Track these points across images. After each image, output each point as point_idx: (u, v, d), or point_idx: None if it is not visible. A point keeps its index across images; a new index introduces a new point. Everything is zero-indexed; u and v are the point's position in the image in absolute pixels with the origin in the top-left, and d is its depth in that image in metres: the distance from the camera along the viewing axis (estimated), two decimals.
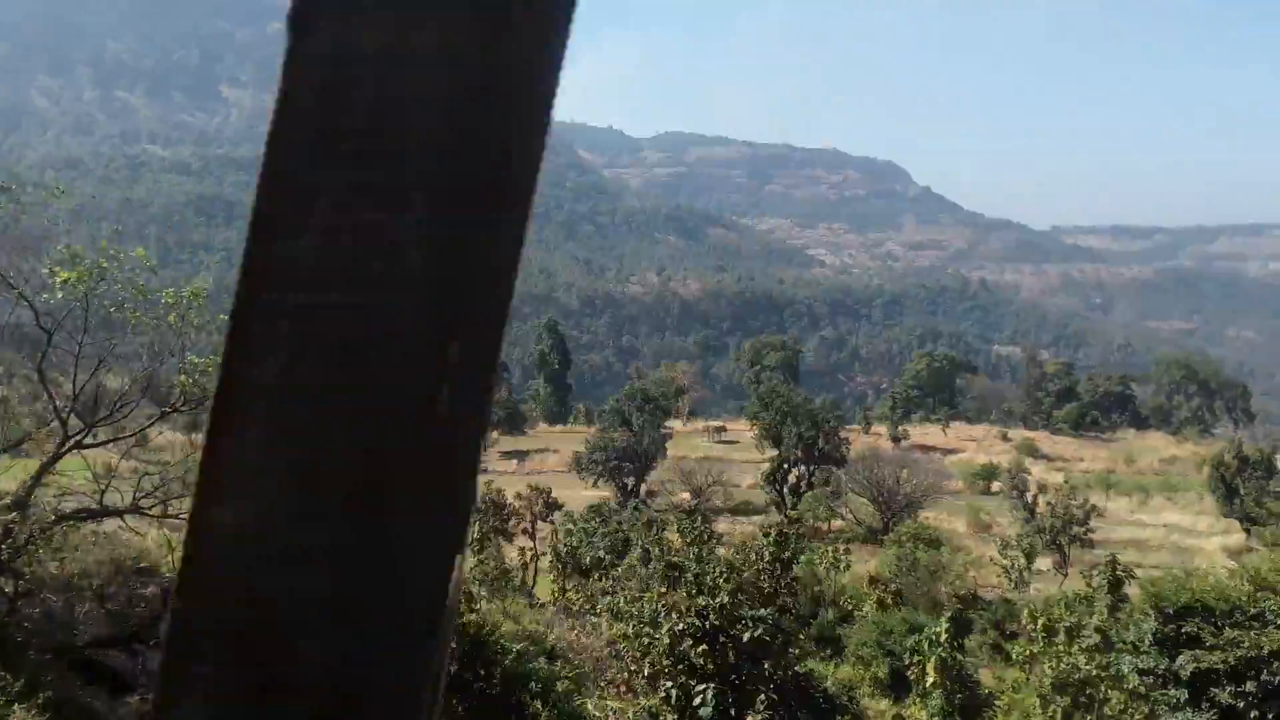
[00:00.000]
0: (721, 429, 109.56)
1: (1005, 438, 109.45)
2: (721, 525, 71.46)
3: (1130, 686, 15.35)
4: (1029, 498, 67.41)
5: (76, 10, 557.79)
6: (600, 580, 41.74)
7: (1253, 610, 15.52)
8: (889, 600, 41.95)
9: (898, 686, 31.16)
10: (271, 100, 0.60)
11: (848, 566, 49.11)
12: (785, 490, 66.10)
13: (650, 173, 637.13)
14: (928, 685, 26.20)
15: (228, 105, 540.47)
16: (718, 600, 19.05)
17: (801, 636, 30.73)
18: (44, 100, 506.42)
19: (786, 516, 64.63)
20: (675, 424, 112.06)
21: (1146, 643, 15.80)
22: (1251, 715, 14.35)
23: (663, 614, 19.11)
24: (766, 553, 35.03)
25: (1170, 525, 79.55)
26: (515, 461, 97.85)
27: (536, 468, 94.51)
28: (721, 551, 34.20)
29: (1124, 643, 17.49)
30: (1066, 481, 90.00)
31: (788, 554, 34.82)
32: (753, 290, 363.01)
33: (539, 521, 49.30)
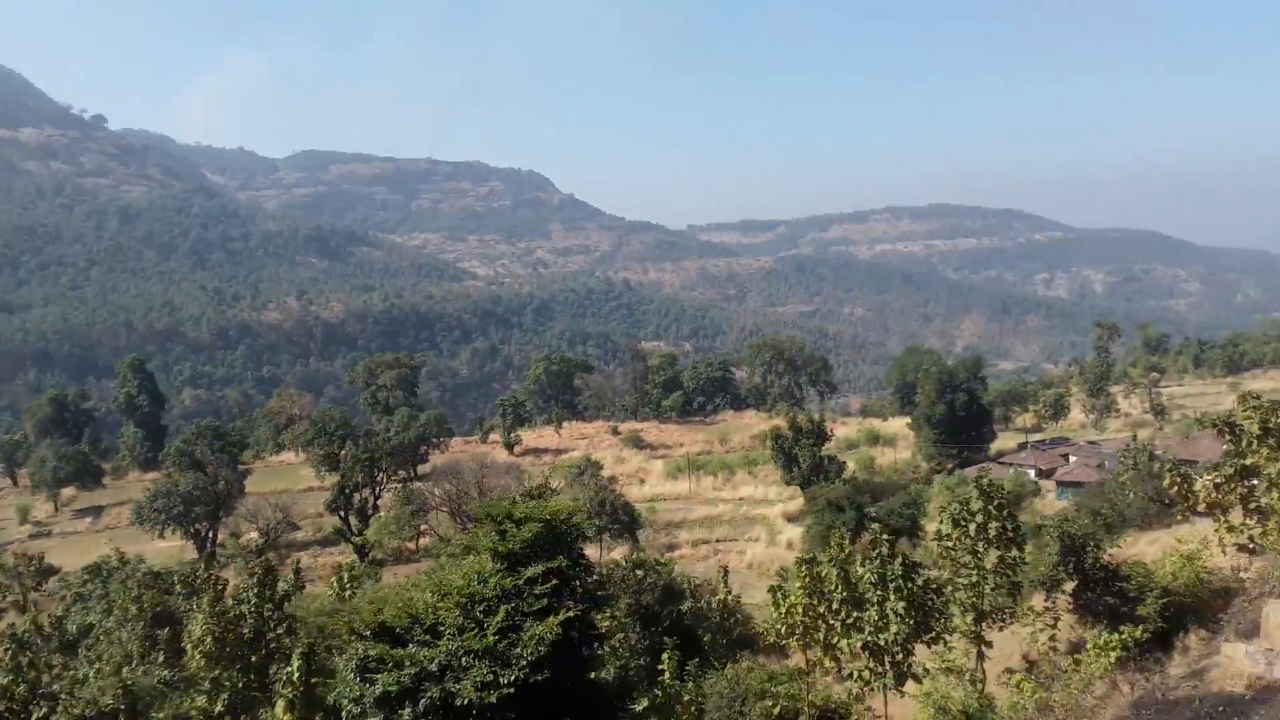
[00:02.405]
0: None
1: (615, 431, 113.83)
2: (304, 560, 68.71)
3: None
4: (605, 491, 69.39)
5: None
6: (88, 649, 38.20)
7: (429, 622, 15.92)
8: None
9: None
10: None
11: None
12: (351, 515, 64.05)
13: (289, 193, 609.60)
14: None
15: None
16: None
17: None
18: None
19: (352, 544, 63.26)
20: (289, 455, 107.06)
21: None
22: None
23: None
24: (253, 596, 33.32)
25: (745, 498, 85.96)
26: (89, 519, 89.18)
27: (113, 522, 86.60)
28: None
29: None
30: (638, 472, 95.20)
31: (274, 596, 33.30)
32: (401, 307, 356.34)
33: (32, 592, 44.46)
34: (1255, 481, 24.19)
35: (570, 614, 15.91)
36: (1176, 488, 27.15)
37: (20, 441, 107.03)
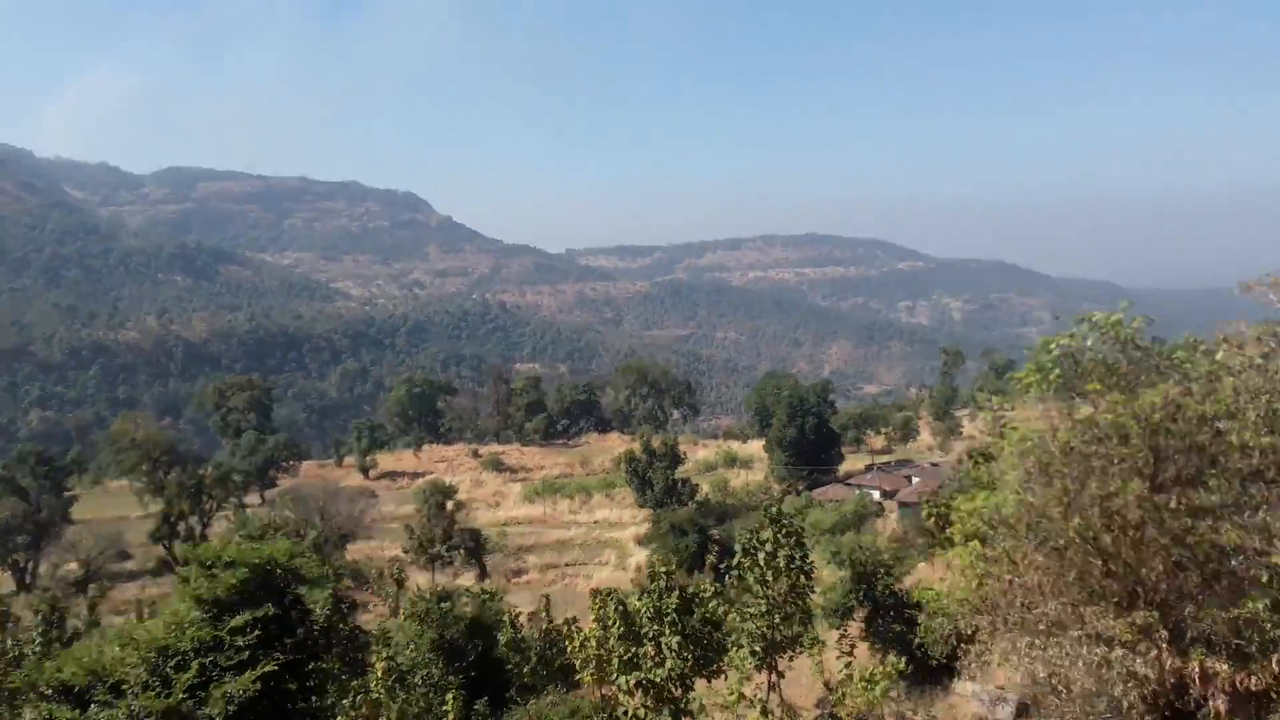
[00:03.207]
0: None
1: (476, 454, 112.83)
2: (131, 592, 65.92)
3: None
4: (448, 519, 68.57)
5: None
6: None
7: (114, 679, 15.20)
8: None
9: None
10: None
11: None
12: (175, 546, 61.84)
13: (154, 210, 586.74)
14: None
15: None
16: None
17: None
18: None
19: (178, 575, 60.99)
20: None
21: None
22: None
23: None
24: (37, 636, 31.78)
25: (600, 521, 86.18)
26: None
27: None
28: None
29: None
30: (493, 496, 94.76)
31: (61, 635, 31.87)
32: (267, 328, 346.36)
33: None
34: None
35: (269, 668, 14.97)
36: (933, 519, 28.34)
37: None
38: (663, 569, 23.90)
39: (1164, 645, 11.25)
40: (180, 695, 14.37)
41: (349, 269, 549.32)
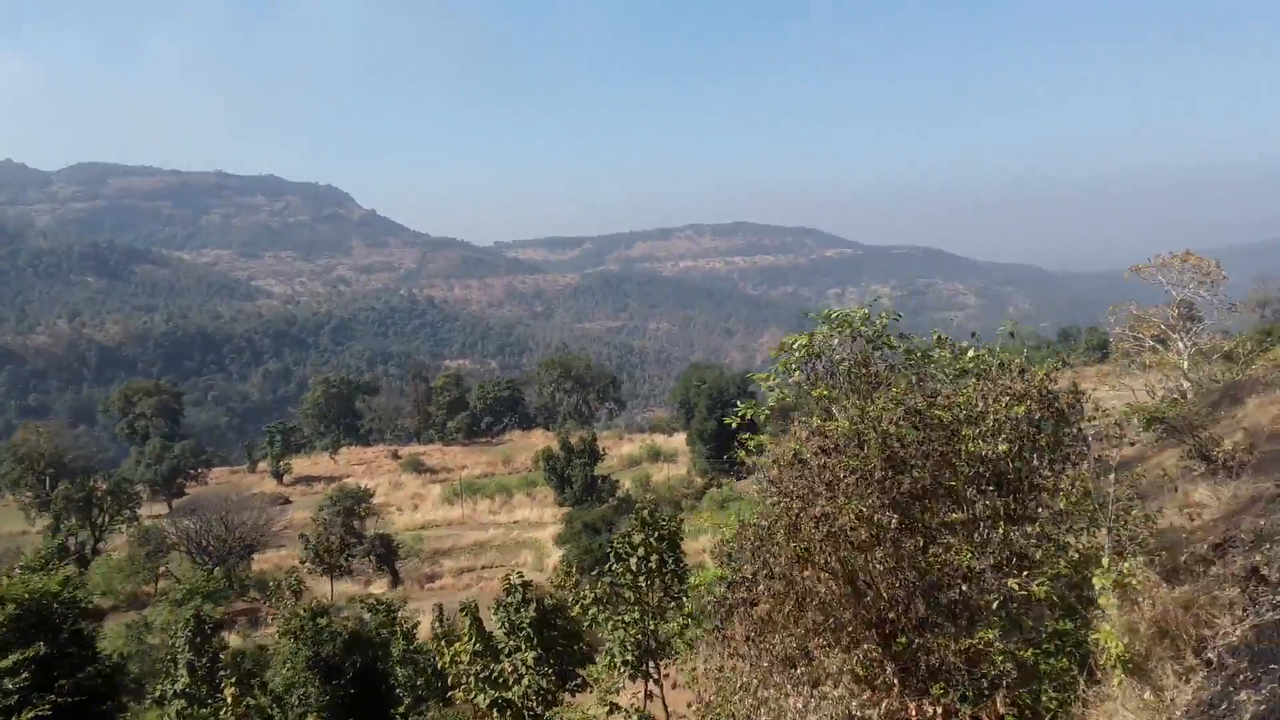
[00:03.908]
0: None
1: (396, 456, 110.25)
2: None
3: None
4: (352, 526, 66.19)
5: None
6: None
7: None
8: None
9: None
10: None
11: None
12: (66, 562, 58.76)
13: (63, 208, 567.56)
14: None
15: None
16: None
17: None
18: None
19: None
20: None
21: None
22: None
23: None
24: None
25: (520, 521, 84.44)
26: None
27: None
28: None
29: None
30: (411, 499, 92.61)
31: None
32: (185, 329, 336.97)
33: None
34: None
35: (36, 714, 13.66)
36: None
37: None
38: (519, 580, 22.75)
39: (893, 682, 9.90)
40: None
41: (270, 266, 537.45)
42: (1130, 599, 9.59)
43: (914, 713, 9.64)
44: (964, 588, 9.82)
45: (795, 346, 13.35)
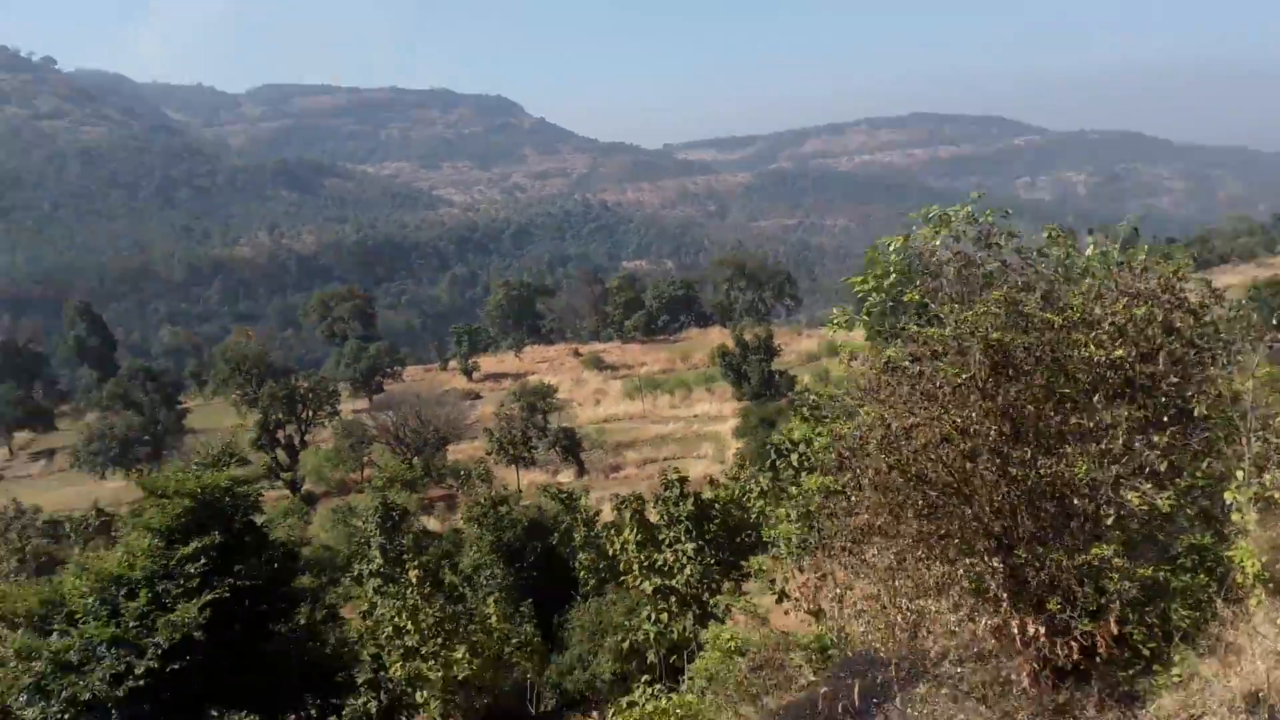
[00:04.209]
0: None
1: (577, 354, 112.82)
2: None
3: None
4: (540, 417, 68.12)
5: None
6: None
7: (72, 609, 15.29)
8: None
9: None
10: None
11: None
12: (277, 453, 62.97)
13: (254, 128, 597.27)
14: None
15: None
16: None
17: None
18: None
19: (282, 480, 62.38)
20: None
21: None
22: None
23: None
24: None
25: (699, 415, 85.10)
26: (43, 462, 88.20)
27: (65, 465, 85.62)
28: None
29: None
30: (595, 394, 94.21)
31: None
32: (374, 238, 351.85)
33: None
34: None
35: (217, 595, 14.84)
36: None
37: None
38: (675, 475, 22.89)
39: (1001, 597, 9.25)
40: (130, 623, 14.39)
41: (449, 176, 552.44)
42: (1273, 513, 8.89)
43: (1016, 629, 9.08)
44: (1075, 501, 9.04)
45: (890, 249, 12.33)
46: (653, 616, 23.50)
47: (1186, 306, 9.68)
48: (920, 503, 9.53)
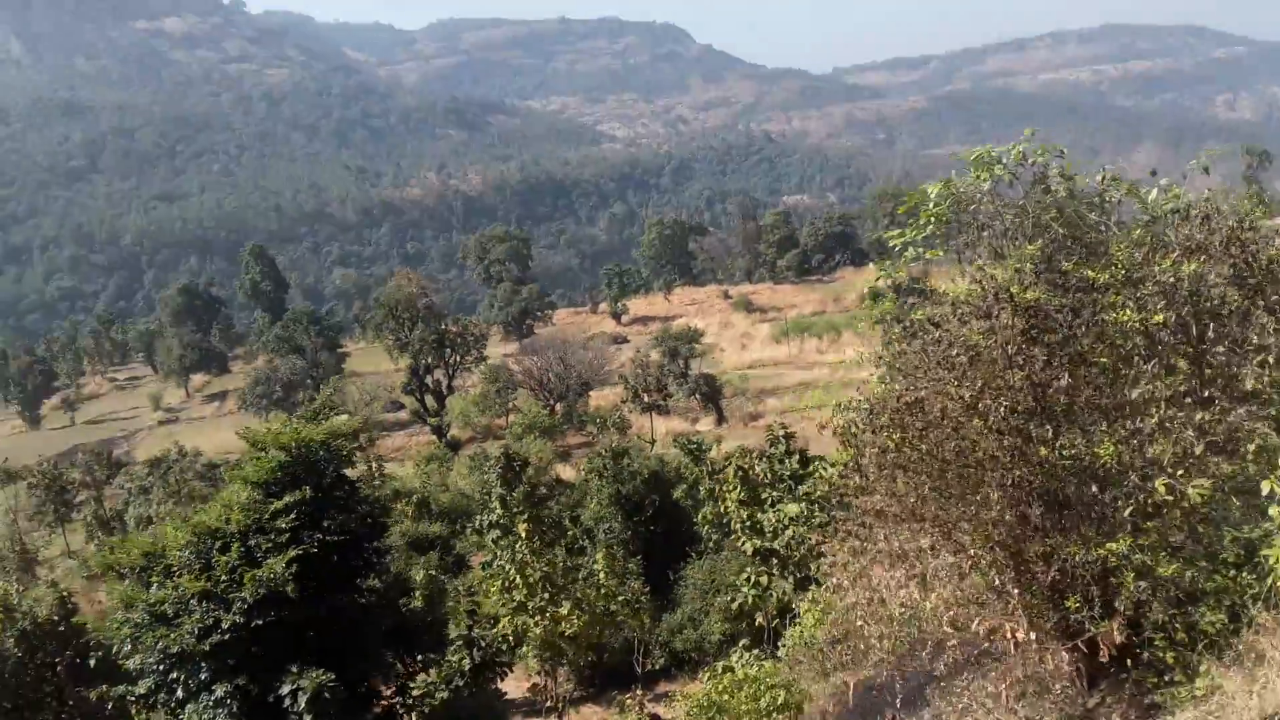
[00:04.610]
0: None
1: (726, 295, 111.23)
2: (399, 440, 70.39)
3: None
4: (681, 363, 67.43)
5: None
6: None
7: (168, 561, 15.32)
8: None
9: None
10: None
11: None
12: (425, 397, 64.51)
13: (428, 65, 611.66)
14: None
15: None
16: None
17: None
18: None
19: (429, 424, 63.91)
20: None
21: None
22: None
23: None
24: None
25: (847, 360, 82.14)
26: (216, 404, 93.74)
27: (236, 407, 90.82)
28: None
29: None
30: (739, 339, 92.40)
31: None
32: (537, 176, 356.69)
33: (104, 487, 46.57)
34: None
35: (301, 551, 14.86)
36: None
37: (158, 331, 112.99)
38: (781, 431, 21.51)
39: (1011, 593, 8.64)
40: (222, 577, 14.67)
41: (613, 110, 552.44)
42: None
43: (1009, 632, 8.71)
44: (1094, 489, 8.10)
45: (933, 195, 10.82)
46: (751, 578, 22.78)
47: (1253, 264, 8.25)
48: (927, 485, 8.82)
